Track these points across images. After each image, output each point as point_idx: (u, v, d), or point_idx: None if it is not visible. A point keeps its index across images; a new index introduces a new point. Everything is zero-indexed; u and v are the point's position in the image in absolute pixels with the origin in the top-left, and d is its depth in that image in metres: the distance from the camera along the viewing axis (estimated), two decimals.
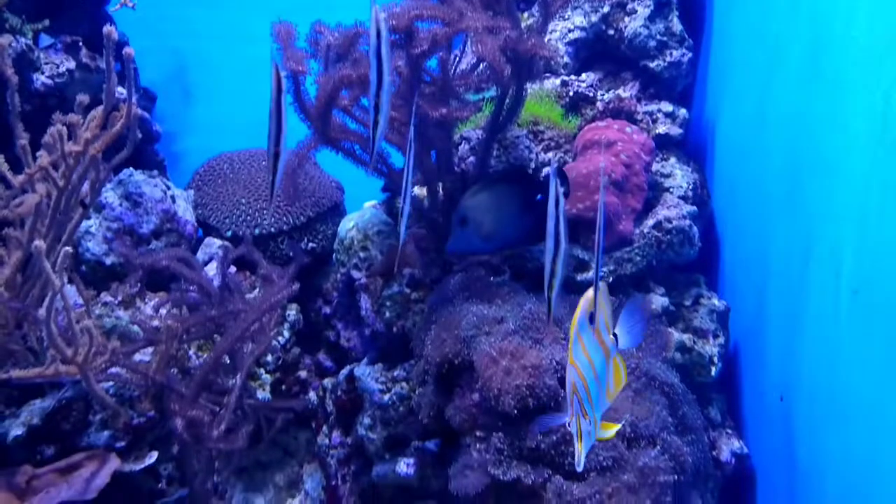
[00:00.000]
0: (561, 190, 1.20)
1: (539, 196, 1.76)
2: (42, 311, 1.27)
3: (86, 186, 1.46)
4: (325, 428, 2.24)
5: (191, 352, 1.98)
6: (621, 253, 1.87)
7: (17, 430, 1.58)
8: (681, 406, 1.67)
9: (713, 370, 1.88)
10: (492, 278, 1.84)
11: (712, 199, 2.10)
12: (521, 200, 1.79)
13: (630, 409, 1.57)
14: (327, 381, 2.30)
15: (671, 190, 2.00)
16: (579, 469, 1.13)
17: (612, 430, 1.17)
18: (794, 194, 1.71)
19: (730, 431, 1.91)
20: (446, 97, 1.74)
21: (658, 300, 1.88)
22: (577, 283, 1.86)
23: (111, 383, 1.63)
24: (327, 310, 2.39)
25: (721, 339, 1.91)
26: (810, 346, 1.65)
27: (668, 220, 1.89)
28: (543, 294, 1.72)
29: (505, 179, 1.85)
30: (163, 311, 1.83)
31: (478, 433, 1.63)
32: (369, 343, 2.20)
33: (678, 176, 2.03)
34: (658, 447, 1.54)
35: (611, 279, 1.86)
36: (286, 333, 2.31)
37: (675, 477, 1.53)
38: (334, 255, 2.31)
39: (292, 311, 2.35)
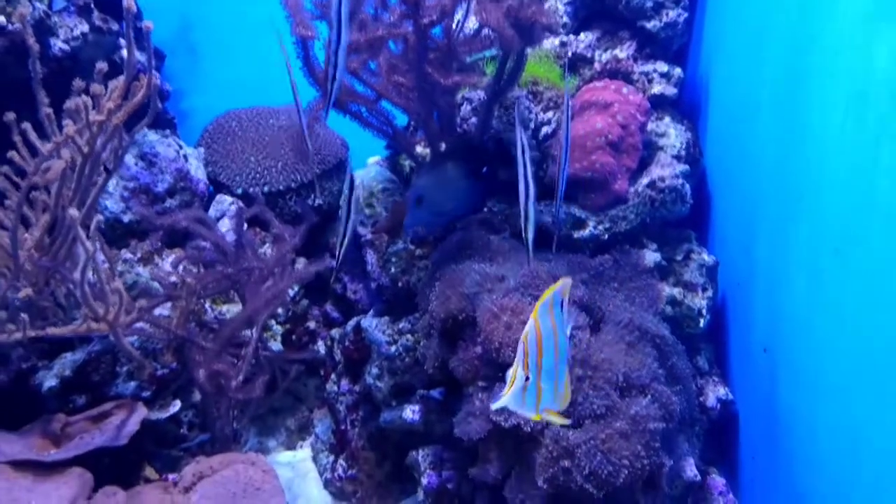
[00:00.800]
0: (526, 137, 1.27)
1: (485, 169, 1.89)
2: (76, 274, 1.36)
3: (108, 151, 1.53)
4: (333, 376, 2.35)
5: (206, 305, 2.09)
6: (616, 211, 1.96)
7: (50, 382, 1.68)
8: (670, 357, 1.78)
9: (702, 322, 1.99)
10: (492, 237, 1.93)
11: (704, 157, 2.17)
12: (469, 174, 1.93)
13: (623, 360, 1.68)
14: (335, 332, 2.41)
15: (665, 149, 2.08)
16: (492, 406, 1.18)
17: (558, 420, 1.18)
18: (782, 154, 1.79)
19: (716, 379, 2.02)
20: (450, 62, 1.80)
21: (650, 256, 1.97)
22: (574, 240, 1.95)
23: (136, 337, 1.73)
24: (334, 264, 2.48)
25: (709, 293, 2.02)
26: (793, 300, 1.75)
27: (662, 180, 1.97)
28: (544, 252, 1.83)
29: (453, 156, 1.95)
30: (181, 268, 1.92)
31: (480, 383, 1.74)
32: (375, 296, 2.30)
33: (672, 135, 2.10)
34: (649, 396, 1.65)
35: (606, 237, 1.95)
36: (295, 286, 2.40)
37: (665, 424, 1.64)
38: (340, 211, 2.39)
39: (300, 266, 2.44)
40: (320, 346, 2.45)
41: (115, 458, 1.63)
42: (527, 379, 1.12)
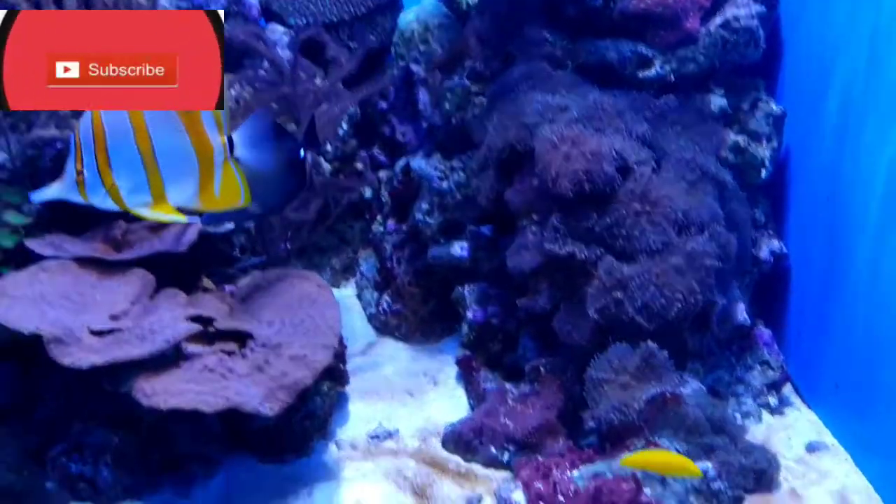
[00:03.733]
0: None
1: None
2: None
3: None
4: (379, 217, 2.36)
5: None
6: (685, 51, 1.88)
7: None
8: (730, 201, 1.75)
9: (763, 172, 1.94)
10: (555, 71, 1.87)
11: (780, 2, 2.06)
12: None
13: (683, 198, 1.65)
14: (382, 174, 2.40)
15: None
16: (32, 197, 1.12)
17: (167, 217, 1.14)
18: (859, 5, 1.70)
19: (771, 232, 1.99)
20: None
21: (717, 101, 1.91)
22: (638, 80, 1.89)
23: None
24: (383, 105, 2.44)
25: (774, 144, 1.96)
26: (859, 153, 1.70)
27: (737, 19, 1.88)
28: (610, 88, 1.76)
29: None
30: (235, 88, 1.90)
31: (534, 216, 1.73)
32: (425, 136, 2.27)
33: None
34: (706, 234, 1.63)
35: (673, 78, 1.88)
36: (345, 125, 2.37)
37: (720, 264, 1.63)
38: (393, 49, 2.33)
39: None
40: (366, 189, 2.44)
41: (174, 268, 1.65)
42: (79, 173, 1.07)
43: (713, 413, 1.59)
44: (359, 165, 2.45)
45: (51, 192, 1.11)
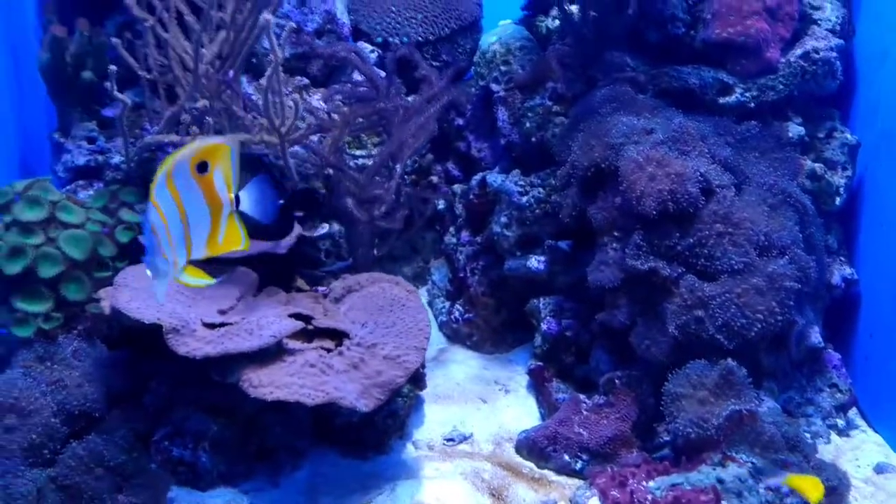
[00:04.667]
0: None
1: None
2: (262, 81, 1.43)
3: None
4: (452, 229, 2.44)
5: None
6: (765, 80, 1.94)
7: None
8: (809, 226, 1.80)
9: (838, 200, 1.99)
10: (638, 95, 1.94)
11: (856, 34, 2.11)
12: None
13: (765, 221, 1.70)
14: (456, 187, 2.48)
15: (819, 22, 2.03)
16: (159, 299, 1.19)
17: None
18: None
19: (843, 259, 2.03)
20: None
21: (794, 129, 1.96)
22: (718, 105, 1.95)
23: (292, 161, 1.83)
24: (460, 121, 2.53)
25: (848, 172, 2.00)
26: None
27: (816, 51, 1.94)
28: (692, 113, 1.82)
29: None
30: (326, 104, 2.00)
31: (615, 233, 1.79)
32: (502, 153, 2.34)
33: (827, 9, 2.05)
34: (787, 257, 1.68)
35: (752, 105, 1.94)
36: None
37: (800, 286, 1.67)
38: (473, 68, 2.42)
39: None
40: (439, 201, 2.52)
41: (271, 268, 1.75)
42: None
43: (787, 431, 1.64)
44: (434, 178, 2.54)
45: (160, 290, 1.18)
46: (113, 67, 1.66)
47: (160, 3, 1.69)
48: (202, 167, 1.12)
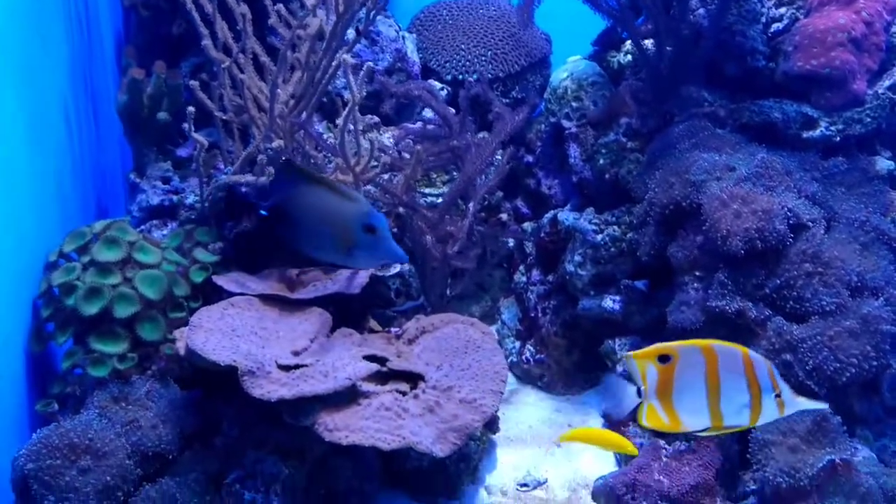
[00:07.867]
0: None
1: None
2: (339, 121, 1.43)
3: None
4: (521, 267, 2.39)
5: None
6: (851, 113, 1.87)
7: None
8: None
9: None
10: (718, 130, 1.89)
11: None
12: None
13: (857, 260, 1.62)
14: (526, 225, 2.44)
15: None
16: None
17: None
18: None
19: None
20: None
21: (883, 163, 1.88)
22: (802, 140, 1.88)
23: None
24: (529, 158, 2.50)
25: None
26: None
27: None
28: (776, 149, 1.76)
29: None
30: (399, 142, 1.99)
31: (696, 272, 1.73)
32: (573, 190, 2.30)
33: None
34: (881, 299, 1.59)
35: (838, 139, 1.87)
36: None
37: (895, 329, 1.59)
38: (544, 104, 2.39)
39: (497, 157, 2.47)
40: (509, 240, 2.49)
41: (343, 308, 1.73)
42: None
43: (886, 482, 1.54)
44: (503, 216, 2.51)
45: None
46: (191, 108, 1.68)
47: (236, 45, 1.71)
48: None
